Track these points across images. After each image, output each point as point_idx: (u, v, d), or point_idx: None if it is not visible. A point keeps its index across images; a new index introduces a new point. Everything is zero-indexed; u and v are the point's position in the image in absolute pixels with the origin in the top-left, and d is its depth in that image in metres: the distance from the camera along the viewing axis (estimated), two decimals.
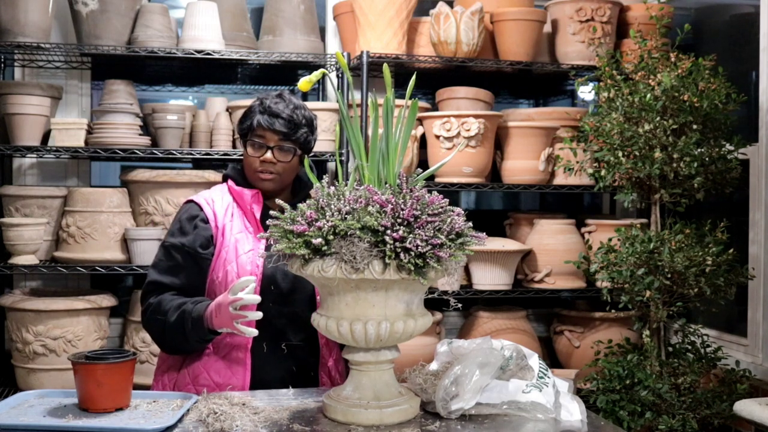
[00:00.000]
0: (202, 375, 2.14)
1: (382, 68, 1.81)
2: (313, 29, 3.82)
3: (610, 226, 3.61)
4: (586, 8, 3.76)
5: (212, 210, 2.22)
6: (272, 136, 2.21)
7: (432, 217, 1.66)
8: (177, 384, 2.17)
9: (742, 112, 3.42)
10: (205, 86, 4.30)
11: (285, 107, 2.22)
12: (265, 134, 2.21)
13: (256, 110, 2.24)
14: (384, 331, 1.69)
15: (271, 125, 2.19)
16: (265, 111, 2.21)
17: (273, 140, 2.21)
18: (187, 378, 2.15)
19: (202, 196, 2.27)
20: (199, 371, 2.14)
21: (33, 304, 3.30)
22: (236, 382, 2.12)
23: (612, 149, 3.16)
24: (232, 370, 2.13)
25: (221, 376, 2.13)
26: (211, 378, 2.13)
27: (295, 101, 2.26)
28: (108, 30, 3.45)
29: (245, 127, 2.26)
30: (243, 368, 2.13)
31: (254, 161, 2.22)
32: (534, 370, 1.87)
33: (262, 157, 2.21)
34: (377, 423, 1.71)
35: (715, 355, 3.15)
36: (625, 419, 2.99)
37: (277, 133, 2.20)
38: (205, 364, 2.14)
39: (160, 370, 2.25)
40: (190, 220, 2.22)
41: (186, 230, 2.20)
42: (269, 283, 2.17)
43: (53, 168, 3.82)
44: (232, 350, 2.14)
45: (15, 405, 1.84)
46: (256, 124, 2.21)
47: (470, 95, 3.84)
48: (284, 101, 2.23)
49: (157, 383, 2.23)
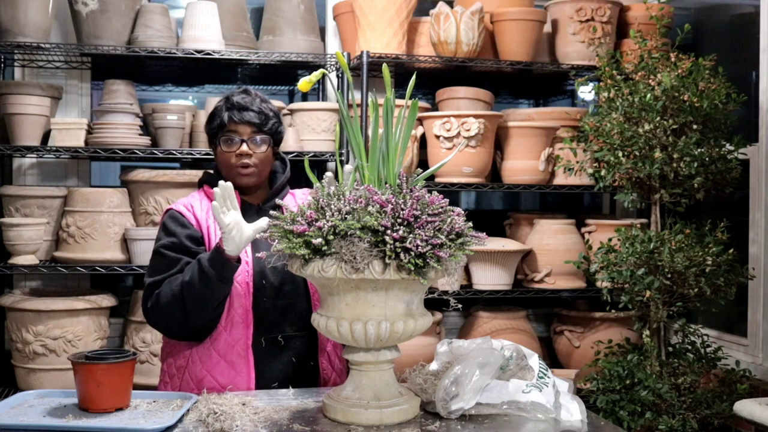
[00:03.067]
0: (206, 378, 2.13)
1: (382, 68, 1.81)
2: (313, 29, 3.82)
3: (610, 226, 3.61)
4: (586, 8, 3.76)
5: (193, 215, 2.21)
6: (244, 128, 2.21)
7: (432, 217, 1.66)
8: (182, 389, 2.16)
9: (742, 112, 3.42)
10: (205, 86, 4.30)
11: (252, 100, 2.23)
12: (237, 128, 2.21)
13: (222, 108, 2.24)
14: (384, 331, 1.69)
15: (242, 118, 2.20)
16: (233, 106, 2.21)
17: (246, 133, 2.21)
18: (191, 383, 2.14)
19: (181, 203, 2.26)
20: (202, 375, 2.13)
21: (33, 304, 3.30)
22: (240, 380, 2.12)
23: (612, 149, 3.16)
24: (235, 369, 2.13)
25: (225, 376, 2.12)
26: (215, 380, 2.12)
27: (260, 95, 2.27)
28: (108, 30, 3.45)
29: (215, 126, 2.25)
30: (246, 366, 2.13)
31: (230, 156, 2.21)
32: (534, 370, 1.87)
33: (237, 151, 2.20)
34: (377, 423, 1.71)
35: (715, 355, 3.15)
36: (625, 419, 2.99)
37: (249, 125, 2.20)
38: (207, 366, 2.13)
39: (163, 382, 2.24)
40: (175, 222, 2.20)
41: (172, 230, 2.18)
42: (260, 278, 2.17)
43: (53, 168, 3.82)
44: (233, 349, 2.14)
45: (15, 405, 1.84)
46: (227, 120, 2.21)
47: (470, 95, 3.84)
48: (250, 95, 2.25)
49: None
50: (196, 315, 2.08)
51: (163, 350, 2.27)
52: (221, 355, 2.14)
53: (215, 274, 2.01)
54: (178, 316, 2.08)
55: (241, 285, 2.14)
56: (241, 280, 2.14)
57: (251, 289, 2.15)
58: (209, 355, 2.14)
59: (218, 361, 2.13)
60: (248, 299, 2.14)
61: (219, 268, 2.01)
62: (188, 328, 2.12)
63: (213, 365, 2.13)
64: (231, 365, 2.13)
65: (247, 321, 2.14)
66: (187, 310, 2.06)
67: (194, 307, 2.06)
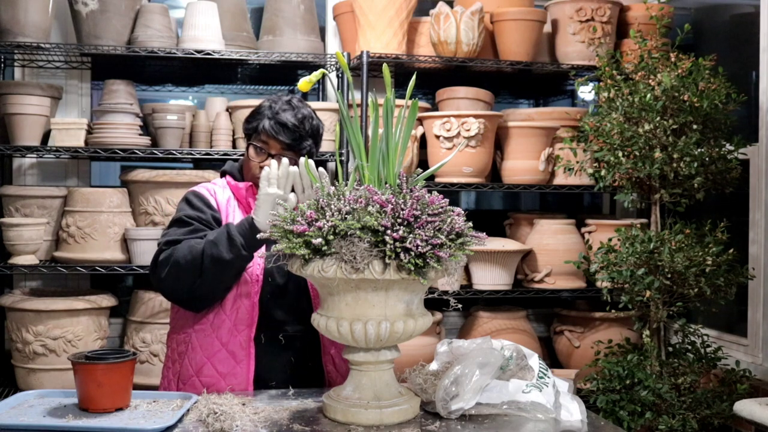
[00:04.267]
0: (206, 365, 2.13)
1: (382, 68, 1.81)
2: (313, 29, 3.82)
3: (610, 226, 3.61)
4: (586, 8, 3.76)
5: (215, 198, 2.22)
6: (275, 144, 2.20)
7: (432, 217, 1.66)
8: (180, 377, 2.16)
9: (742, 112, 3.42)
10: (205, 86, 4.30)
11: (293, 116, 2.19)
12: (269, 141, 2.20)
13: (264, 114, 2.21)
14: (384, 331, 1.69)
15: (276, 134, 2.17)
16: (273, 117, 2.19)
17: (276, 148, 2.20)
18: (191, 370, 2.14)
19: (203, 187, 2.27)
20: (202, 362, 2.13)
21: (33, 304, 3.30)
22: (240, 371, 2.12)
23: (612, 149, 3.16)
24: (236, 359, 2.12)
25: (225, 366, 2.12)
26: (215, 368, 2.12)
27: (305, 111, 2.22)
28: (108, 30, 3.45)
29: (251, 127, 2.24)
30: (247, 358, 2.12)
31: (255, 166, 2.22)
32: (534, 370, 1.87)
33: (262, 163, 2.19)
34: (377, 423, 1.71)
35: (715, 355, 3.15)
36: (625, 419, 2.99)
37: (281, 143, 2.19)
38: (207, 353, 2.13)
39: (165, 367, 2.25)
40: (200, 199, 2.20)
41: (198, 206, 2.18)
42: (268, 275, 2.17)
43: (53, 168, 3.82)
44: (235, 338, 2.13)
45: (15, 405, 1.84)
46: (261, 129, 2.20)
47: (470, 95, 3.84)
48: (293, 109, 2.20)
49: (164, 379, 2.24)
50: (209, 280, 2.05)
51: (169, 335, 2.27)
52: (223, 344, 2.13)
53: (242, 241, 2.01)
54: (189, 276, 2.04)
55: (252, 277, 2.14)
56: (251, 272, 2.14)
57: (261, 282, 2.15)
58: (211, 343, 2.14)
59: (219, 349, 2.13)
60: (256, 292, 2.14)
61: (248, 238, 2.01)
62: (194, 293, 2.09)
63: (214, 353, 2.13)
64: (232, 355, 2.13)
65: (253, 314, 2.14)
66: (203, 269, 2.03)
67: (210, 271, 2.03)
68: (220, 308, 2.14)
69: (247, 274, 2.14)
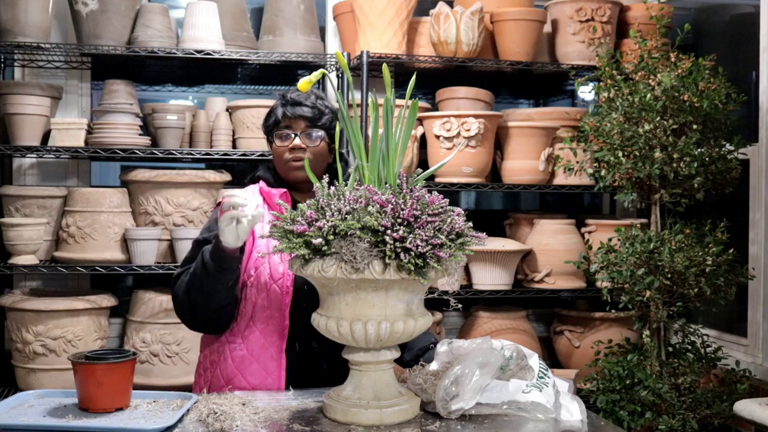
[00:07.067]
0: (237, 378, 2.11)
1: (382, 68, 1.81)
2: (313, 29, 3.82)
3: (610, 226, 3.61)
4: (586, 8, 3.76)
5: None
6: (298, 123, 2.21)
7: (432, 217, 1.66)
8: (212, 386, 2.15)
9: (742, 112, 3.42)
10: (205, 86, 4.31)
11: (307, 97, 2.23)
12: (291, 123, 2.22)
13: (278, 105, 2.25)
14: (384, 331, 1.69)
15: (295, 113, 2.20)
16: (288, 102, 2.23)
17: (299, 127, 2.21)
18: (221, 381, 2.12)
19: None
20: (233, 374, 2.11)
21: (33, 304, 3.30)
22: (272, 382, 2.09)
23: (612, 149, 3.16)
24: (267, 371, 2.10)
25: (256, 378, 2.10)
26: (246, 380, 2.10)
27: (316, 92, 2.28)
28: (108, 30, 3.45)
29: (270, 123, 2.26)
30: (278, 370, 2.10)
31: (284, 151, 2.22)
32: (534, 370, 1.87)
33: (290, 145, 2.20)
34: (377, 423, 1.71)
35: (715, 355, 3.15)
36: (625, 419, 2.99)
37: (303, 119, 2.21)
38: (239, 366, 2.11)
39: (197, 373, 2.24)
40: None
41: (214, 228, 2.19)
42: (302, 281, 2.12)
43: (53, 168, 3.82)
44: (267, 351, 2.11)
45: (15, 405, 1.84)
46: (281, 116, 2.22)
47: (470, 95, 3.84)
48: (304, 93, 2.24)
49: (195, 385, 2.24)
50: (201, 305, 2.08)
51: (202, 341, 2.28)
52: (254, 357, 2.11)
53: (213, 266, 2.02)
54: (186, 305, 2.11)
55: (282, 288, 2.12)
56: (282, 283, 2.12)
57: (291, 293, 2.12)
58: (242, 356, 2.12)
59: (251, 362, 2.11)
60: (287, 303, 2.12)
61: (217, 260, 2.02)
62: (198, 318, 2.12)
63: (245, 366, 2.11)
64: (263, 367, 2.10)
65: (283, 325, 2.11)
66: (191, 299, 2.08)
67: (198, 297, 2.07)
68: (250, 321, 2.13)
69: (277, 286, 2.11)
